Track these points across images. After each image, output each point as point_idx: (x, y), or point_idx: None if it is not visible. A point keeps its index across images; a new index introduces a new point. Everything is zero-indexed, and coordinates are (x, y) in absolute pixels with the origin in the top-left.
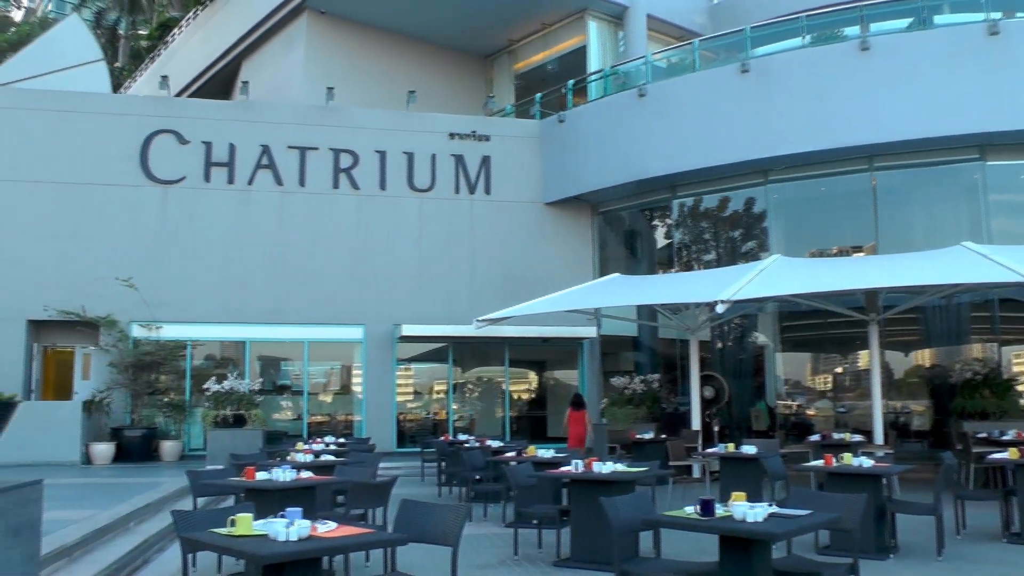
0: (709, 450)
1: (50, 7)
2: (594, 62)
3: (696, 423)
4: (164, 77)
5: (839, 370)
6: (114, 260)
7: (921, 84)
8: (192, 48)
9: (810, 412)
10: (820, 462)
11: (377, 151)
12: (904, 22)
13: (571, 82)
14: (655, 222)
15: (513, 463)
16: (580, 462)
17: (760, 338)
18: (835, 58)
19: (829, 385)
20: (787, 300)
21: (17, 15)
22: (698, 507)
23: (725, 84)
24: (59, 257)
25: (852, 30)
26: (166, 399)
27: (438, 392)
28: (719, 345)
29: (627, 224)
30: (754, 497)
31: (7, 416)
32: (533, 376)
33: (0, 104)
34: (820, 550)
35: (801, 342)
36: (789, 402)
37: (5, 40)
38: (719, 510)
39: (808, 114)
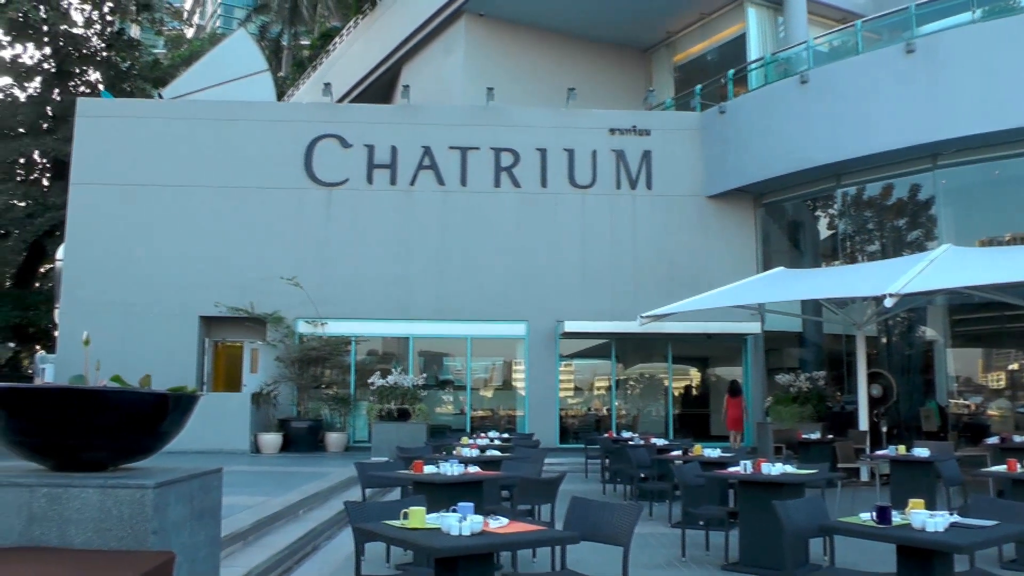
0: (879, 452)
1: (218, 24)
2: (754, 50)
3: (863, 423)
4: (327, 84)
5: (1015, 367)
6: (281, 259)
7: None
8: (353, 55)
9: (991, 412)
10: (1002, 467)
11: (538, 149)
12: None
13: (731, 72)
14: (818, 212)
15: (679, 462)
16: (749, 463)
17: (929, 333)
18: (1009, 32)
19: (1003, 383)
20: (959, 292)
21: (189, 32)
22: (874, 514)
23: (890, 66)
24: (229, 257)
25: None
26: (331, 392)
27: (600, 388)
28: (886, 341)
29: (790, 215)
30: (929, 504)
31: (191, 408)
32: (696, 373)
33: (175, 115)
34: (1005, 564)
35: (974, 337)
36: (961, 401)
37: (179, 56)
38: (896, 518)
39: (980, 93)
